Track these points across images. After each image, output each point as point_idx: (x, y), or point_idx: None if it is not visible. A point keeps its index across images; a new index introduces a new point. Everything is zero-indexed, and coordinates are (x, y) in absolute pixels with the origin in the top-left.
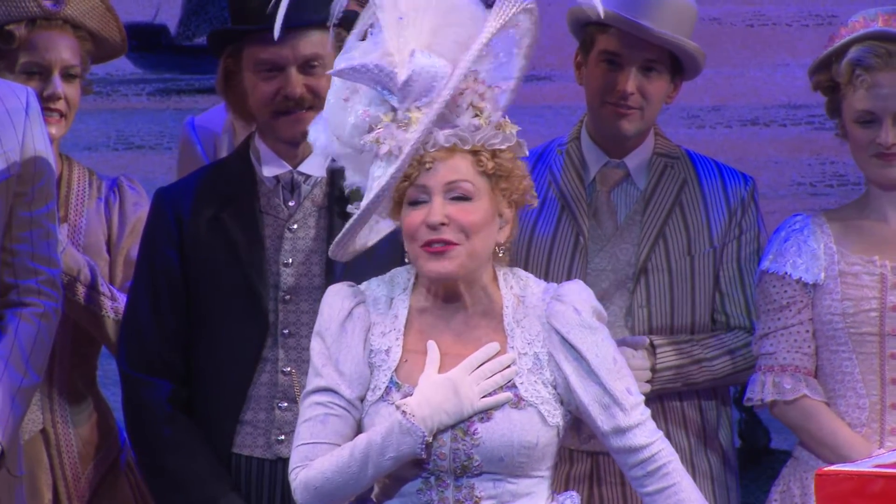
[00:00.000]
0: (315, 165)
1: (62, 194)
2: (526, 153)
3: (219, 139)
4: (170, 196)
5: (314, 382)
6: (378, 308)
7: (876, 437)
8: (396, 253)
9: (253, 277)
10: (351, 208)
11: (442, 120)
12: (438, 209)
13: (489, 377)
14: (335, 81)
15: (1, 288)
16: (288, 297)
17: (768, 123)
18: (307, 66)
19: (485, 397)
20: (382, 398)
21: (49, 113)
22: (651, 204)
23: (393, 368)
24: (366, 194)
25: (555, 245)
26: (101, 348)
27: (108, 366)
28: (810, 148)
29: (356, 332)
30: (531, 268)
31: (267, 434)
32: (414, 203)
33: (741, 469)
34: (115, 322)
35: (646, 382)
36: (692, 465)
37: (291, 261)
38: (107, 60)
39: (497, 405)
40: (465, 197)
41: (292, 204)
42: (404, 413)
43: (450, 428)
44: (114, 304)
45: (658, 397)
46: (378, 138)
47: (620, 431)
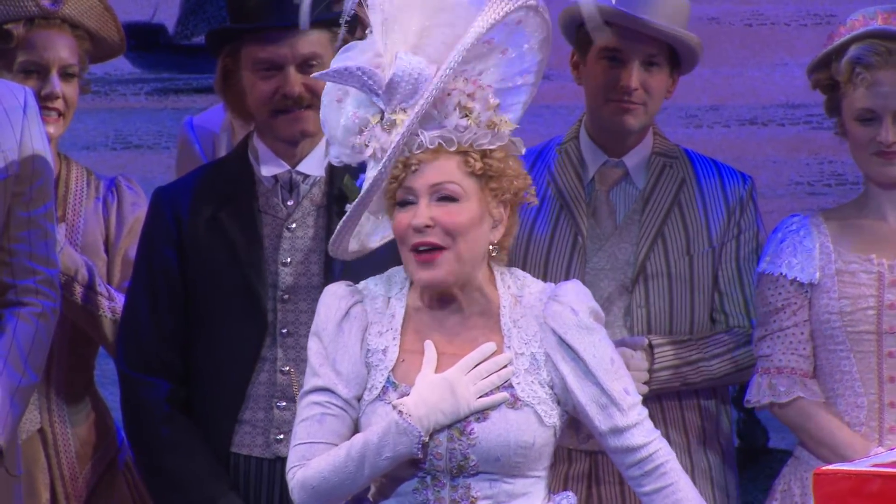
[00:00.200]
0: (314, 165)
1: (60, 194)
2: (522, 151)
3: (217, 138)
4: (168, 196)
5: (311, 382)
6: (375, 307)
7: (875, 436)
8: (395, 252)
9: (252, 277)
10: (349, 207)
11: (429, 121)
12: (423, 212)
13: (486, 377)
14: (329, 83)
15: None
16: (287, 297)
17: (766, 123)
18: (305, 66)
19: (481, 397)
20: (379, 398)
21: (47, 112)
22: (650, 203)
23: (390, 368)
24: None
25: (553, 244)
26: (99, 348)
27: (107, 365)
28: (808, 147)
29: (353, 332)
30: (529, 267)
31: (266, 433)
32: (402, 204)
33: (740, 469)
34: (113, 322)
35: (643, 384)
36: (691, 465)
37: (290, 260)
38: (105, 60)
39: (493, 405)
40: (452, 198)
41: (291, 203)
42: (401, 413)
43: (446, 428)
44: (111, 304)
45: (657, 397)
46: (364, 140)
47: (618, 431)
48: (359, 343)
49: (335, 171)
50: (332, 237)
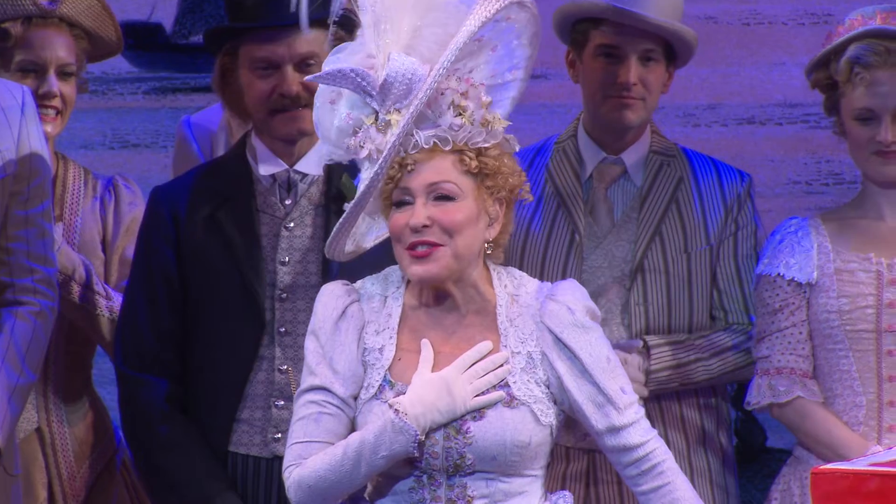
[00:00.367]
0: (312, 164)
1: (57, 193)
2: (516, 148)
3: (215, 137)
4: (166, 195)
5: (308, 381)
6: (372, 306)
7: (874, 435)
8: (392, 251)
9: (250, 276)
10: (347, 207)
11: (423, 121)
12: (421, 211)
13: (482, 376)
14: (322, 84)
15: None
16: (284, 296)
17: (764, 122)
18: (303, 65)
19: (478, 396)
20: (376, 396)
21: (45, 111)
22: (647, 201)
23: (386, 367)
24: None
25: (550, 242)
26: (97, 347)
27: (104, 365)
28: (806, 146)
29: (350, 331)
30: (526, 264)
31: (263, 432)
32: (398, 205)
33: (738, 468)
34: (110, 321)
35: (642, 386)
36: (690, 465)
37: (288, 259)
38: (102, 59)
39: (490, 404)
40: (448, 197)
41: (289, 202)
42: (397, 412)
43: (442, 427)
44: (109, 303)
45: (656, 397)
46: (359, 142)
47: (615, 430)
48: (355, 342)
49: (333, 171)
50: (329, 239)
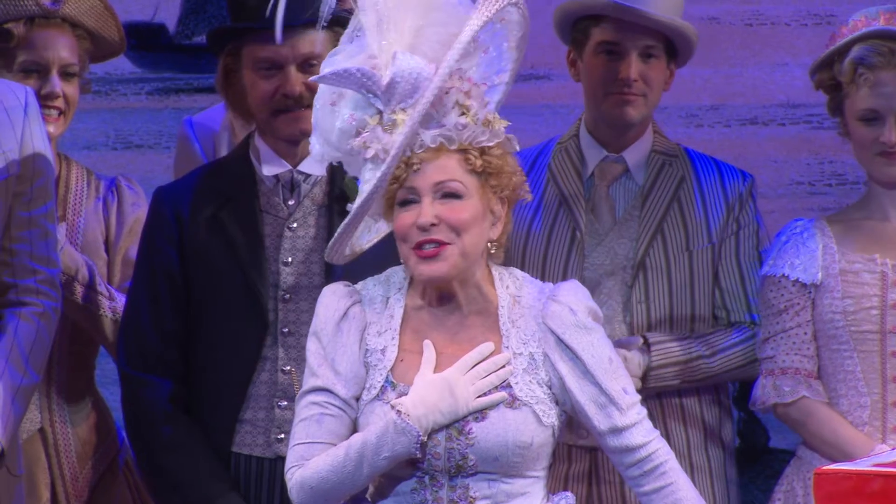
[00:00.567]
0: (315, 164)
1: (60, 194)
2: (517, 148)
3: (217, 137)
4: (169, 195)
5: (310, 382)
6: (374, 307)
7: (878, 436)
8: (394, 252)
9: (253, 276)
10: (350, 207)
11: (428, 120)
12: (428, 210)
13: (484, 377)
14: (321, 86)
15: (0, 288)
16: (287, 296)
17: (767, 123)
18: (306, 65)
19: (480, 397)
20: (378, 397)
21: (47, 111)
22: (649, 199)
23: (388, 368)
24: (358, 196)
25: (551, 240)
26: (100, 348)
27: (107, 365)
28: (809, 147)
29: (352, 332)
30: (528, 262)
31: (266, 433)
32: (404, 205)
33: (740, 468)
34: (113, 321)
35: (638, 380)
36: (691, 463)
37: (291, 260)
38: (105, 60)
39: (492, 405)
40: (455, 196)
41: (292, 203)
42: (399, 413)
43: (445, 428)
44: (112, 304)
45: (657, 394)
46: (364, 142)
47: (617, 431)
48: (357, 343)
49: (336, 171)
50: (332, 242)
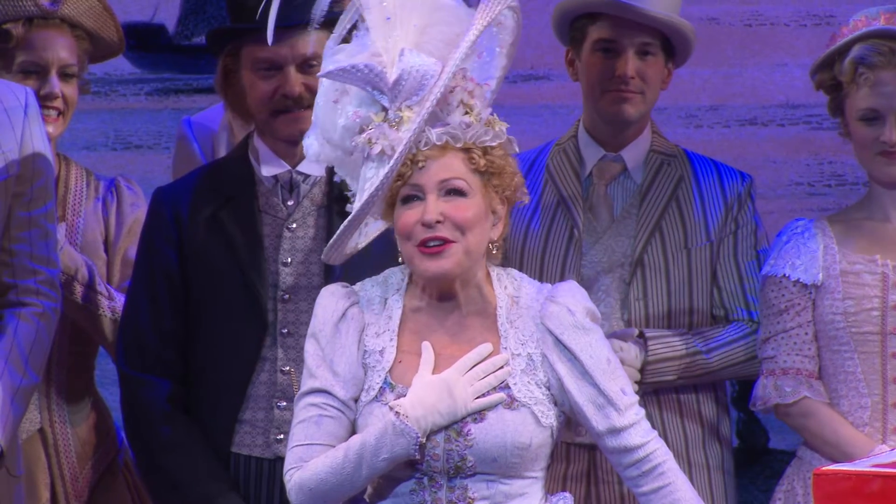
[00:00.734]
0: (314, 165)
1: (60, 194)
2: (517, 150)
3: (216, 137)
4: (168, 195)
5: (308, 384)
6: (372, 309)
7: (878, 437)
8: (394, 252)
9: (252, 277)
10: (350, 208)
11: (433, 118)
12: (433, 207)
13: (483, 378)
14: (323, 83)
15: (0, 288)
16: (287, 297)
17: (766, 123)
18: (305, 65)
19: (478, 398)
20: (376, 399)
21: (46, 112)
22: (647, 197)
23: (387, 369)
24: (358, 196)
25: (549, 238)
26: (100, 348)
27: (107, 366)
28: (808, 148)
29: (350, 333)
30: (526, 260)
31: (266, 433)
32: (406, 202)
33: (740, 469)
34: (113, 321)
35: (636, 371)
36: (688, 460)
37: (290, 260)
38: (103, 60)
39: (490, 406)
40: (460, 194)
41: (291, 203)
42: (398, 414)
43: (443, 429)
44: (111, 304)
45: (654, 392)
46: (370, 139)
47: (615, 431)
48: (356, 344)
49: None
50: (332, 241)
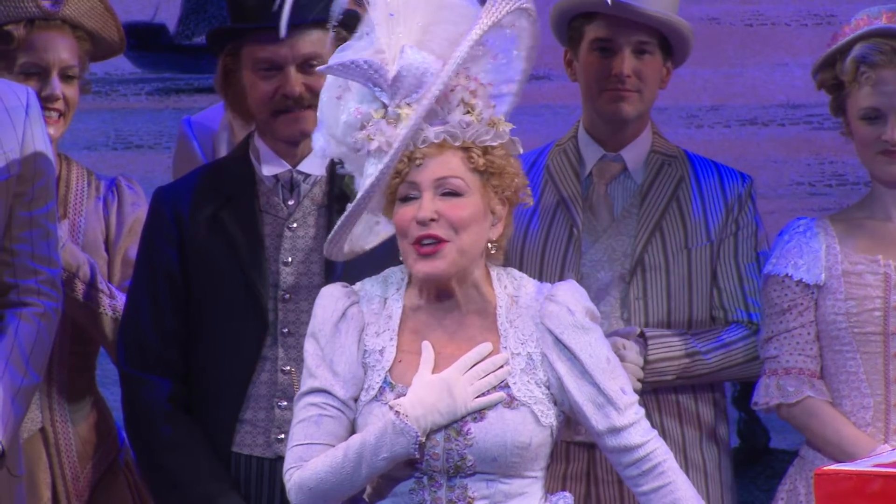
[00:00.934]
0: (315, 164)
1: (61, 194)
2: (520, 150)
3: (216, 136)
4: (169, 195)
5: (308, 383)
6: (372, 308)
7: (881, 437)
8: (395, 251)
9: (252, 276)
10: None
11: (433, 116)
12: (428, 205)
13: (483, 377)
14: (328, 79)
15: (1, 288)
16: (287, 296)
17: (767, 123)
18: (306, 65)
19: (478, 397)
20: (376, 398)
21: (48, 113)
22: (648, 197)
23: (387, 368)
24: (359, 191)
25: (549, 237)
26: (101, 347)
27: (108, 365)
28: (809, 148)
29: (350, 333)
30: (526, 259)
31: (266, 433)
32: (405, 199)
33: (741, 468)
34: (114, 320)
35: (639, 369)
36: (686, 460)
37: (291, 260)
38: (103, 59)
39: (490, 405)
40: (456, 193)
41: (292, 203)
42: (398, 413)
43: (443, 428)
44: (112, 302)
45: (653, 391)
46: (368, 135)
47: (615, 431)
48: (356, 344)
49: (336, 171)
50: (331, 235)
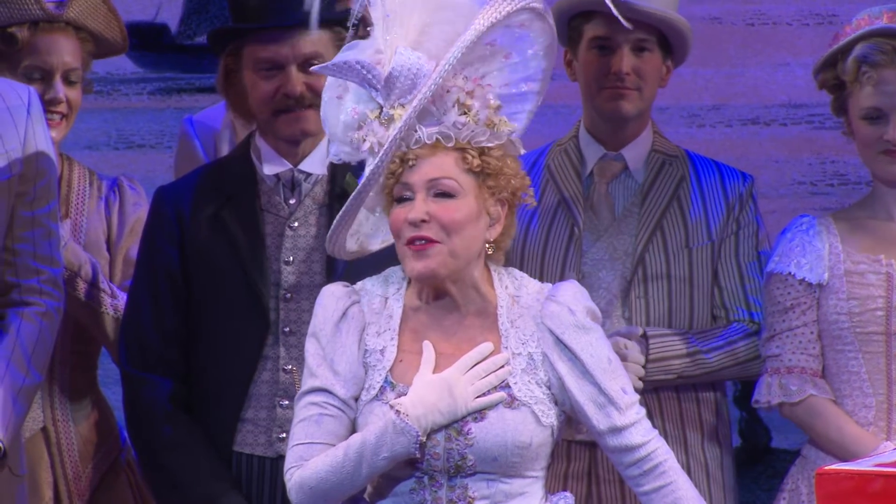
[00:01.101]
0: (316, 163)
1: (63, 193)
2: (521, 151)
3: (218, 136)
4: (170, 194)
5: (309, 383)
6: (373, 307)
7: (882, 436)
8: (394, 252)
9: (254, 275)
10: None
11: (427, 117)
12: (420, 206)
13: (483, 377)
14: (330, 79)
15: (3, 287)
16: (289, 296)
17: (769, 123)
18: (307, 65)
19: (479, 397)
20: (377, 398)
21: (50, 116)
22: (649, 196)
23: (388, 368)
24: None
25: (550, 237)
26: (103, 347)
27: (109, 365)
28: (811, 147)
29: (351, 332)
30: (527, 259)
31: (268, 432)
32: (399, 200)
33: (742, 468)
34: (115, 319)
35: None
36: (687, 459)
37: (292, 259)
38: (105, 57)
39: (491, 405)
40: (449, 194)
41: (293, 202)
42: (398, 413)
43: (444, 428)
44: (114, 302)
45: (654, 391)
46: (363, 135)
47: (616, 431)
48: (356, 343)
49: (337, 170)
50: (329, 233)
